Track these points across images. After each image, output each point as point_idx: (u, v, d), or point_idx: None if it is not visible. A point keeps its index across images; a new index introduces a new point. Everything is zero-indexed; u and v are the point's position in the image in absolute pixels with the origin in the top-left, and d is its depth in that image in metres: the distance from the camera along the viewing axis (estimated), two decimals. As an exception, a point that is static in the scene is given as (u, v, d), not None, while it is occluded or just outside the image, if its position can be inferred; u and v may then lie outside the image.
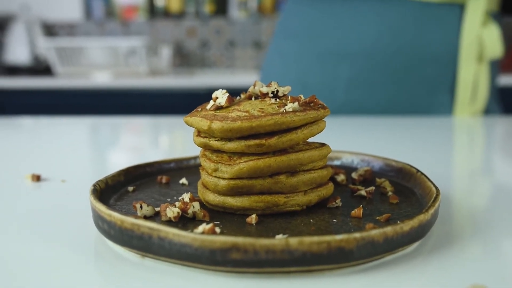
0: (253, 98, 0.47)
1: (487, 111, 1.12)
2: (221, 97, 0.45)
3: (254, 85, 0.47)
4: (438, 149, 0.82)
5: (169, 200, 0.47)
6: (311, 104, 0.45)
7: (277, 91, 0.45)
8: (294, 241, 0.33)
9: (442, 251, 0.39)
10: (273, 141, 0.42)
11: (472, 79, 1.05)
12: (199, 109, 0.46)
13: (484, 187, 0.60)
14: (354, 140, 0.87)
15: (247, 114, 0.42)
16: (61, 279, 0.35)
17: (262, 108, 0.43)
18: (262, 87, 0.46)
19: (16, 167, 0.68)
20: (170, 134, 1.03)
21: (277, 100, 0.45)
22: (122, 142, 0.97)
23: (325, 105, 0.46)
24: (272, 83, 0.46)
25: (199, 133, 0.45)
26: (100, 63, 2.64)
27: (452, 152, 0.84)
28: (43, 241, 0.41)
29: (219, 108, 0.45)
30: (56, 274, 0.35)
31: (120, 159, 0.78)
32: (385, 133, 0.96)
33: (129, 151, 0.85)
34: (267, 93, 0.46)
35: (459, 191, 0.58)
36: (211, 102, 0.46)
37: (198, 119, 0.43)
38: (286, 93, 0.46)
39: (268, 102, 0.45)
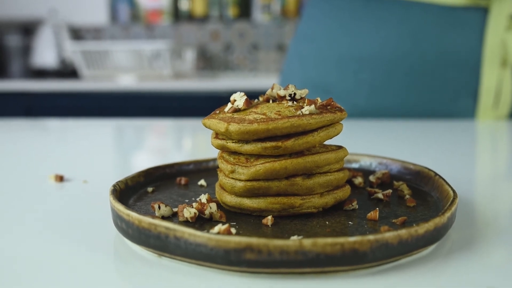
0: (270, 101, 0.47)
1: (511, 116, 1.10)
2: (239, 99, 0.46)
3: (272, 88, 0.47)
4: (461, 153, 0.81)
5: (187, 201, 0.48)
6: (328, 107, 0.45)
7: (294, 94, 0.46)
8: (308, 242, 0.34)
9: (458, 255, 0.39)
10: (289, 143, 0.42)
11: (496, 83, 1.04)
12: (217, 112, 0.47)
13: (508, 192, 0.59)
14: (375, 144, 0.87)
15: (264, 116, 0.43)
16: (80, 277, 0.36)
17: (279, 111, 0.44)
18: (280, 90, 0.47)
19: (41, 168, 0.70)
20: (193, 137, 1.04)
21: (294, 103, 0.45)
22: (145, 144, 0.98)
23: (342, 107, 0.46)
24: (290, 86, 0.46)
25: (217, 135, 0.46)
26: (125, 66, 2.67)
27: (475, 156, 0.83)
28: (63, 240, 0.42)
29: (236, 110, 0.45)
30: (75, 271, 0.36)
31: (143, 161, 0.79)
32: (406, 136, 0.95)
33: (152, 153, 0.86)
34: (285, 96, 0.46)
35: (481, 196, 0.57)
36: (229, 105, 0.46)
37: (216, 121, 0.44)
38: (303, 96, 0.46)
39: (285, 104, 0.45)
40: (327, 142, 0.48)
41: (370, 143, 0.87)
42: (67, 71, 2.82)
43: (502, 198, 0.57)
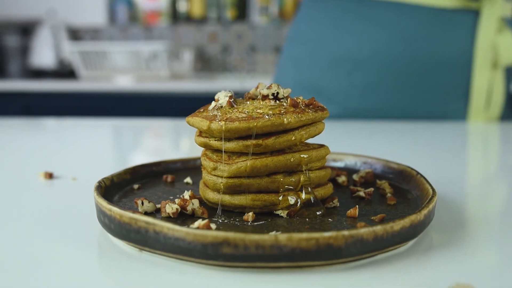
0: (254, 100, 0.48)
1: (502, 117, 1.11)
2: (222, 98, 0.47)
3: (257, 87, 0.48)
4: (452, 154, 0.82)
5: (171, 197, 0.48)
6: (310, 106, 0.46)
7: (277, 93, 0.47)
8: (283, 237, 0.34)
9: (435, 253, 0.39)
10: (270, 141, 0.43)
11: (487, 85, 1.05)
12: (201, 110, 0.48)
13: (496, 193, 0.60)
14: (365, 144, 0.88)
15: (245, 115, 0.43)
16: (64, 270, 0.36)
17: (261, 110, 0.44)
18: (263, 89, 0.47)
19: (33, 166, 0.71)
20: (190, 137, 1.04)
21: (277, 102, 0.46)
22: (142, 144, 0.99)
23: (324, 107, 0.47)
24: (273, 85, 0.47)
25: (200, 133, 0.47)
26: (122, 67, 2.68)
27: (466, 157, 0.83)
28: (49, 235, 0.43)
29: (220, 108, 0.46)
30: (59, 265, 0.37)
31: (137, 161, 0.80)
32: (397, 138, 0.96)
33: (147, 153, 0.87)
34: (268, 95, 0.47)
35: (469, 196, 0.58)
36: (213, 103, 0.47)
37: (199, 119, 0.45)
38: (286, 95, 0.47)
39: (267, 103, 0.46)
40: (311, 141, 0.49)
41: (360, 144, 0.88)
42: (65, 72, 2.82)
43: (490, 199, 0.57)
